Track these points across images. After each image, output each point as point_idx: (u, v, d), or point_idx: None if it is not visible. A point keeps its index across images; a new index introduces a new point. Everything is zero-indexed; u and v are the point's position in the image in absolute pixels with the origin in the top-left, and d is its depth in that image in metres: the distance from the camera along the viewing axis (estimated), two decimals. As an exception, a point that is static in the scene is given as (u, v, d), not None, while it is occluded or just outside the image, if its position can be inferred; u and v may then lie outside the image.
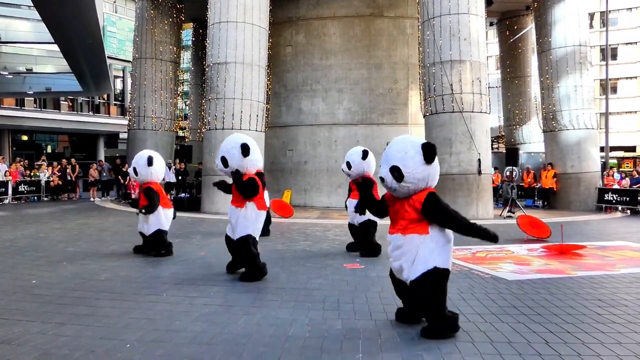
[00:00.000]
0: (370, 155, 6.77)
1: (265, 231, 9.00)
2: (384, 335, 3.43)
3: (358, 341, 3.30)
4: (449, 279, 3.47)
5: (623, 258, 6.73)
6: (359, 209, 4.51)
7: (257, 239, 5.27)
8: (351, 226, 7.12)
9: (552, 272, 5.73)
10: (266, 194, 8.70)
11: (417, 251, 3.40)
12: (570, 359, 3.02)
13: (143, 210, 6.41)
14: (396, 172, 3.42)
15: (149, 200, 6.40)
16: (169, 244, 6.71)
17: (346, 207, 7.26)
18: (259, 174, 5.44)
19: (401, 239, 3.49)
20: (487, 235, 3.39)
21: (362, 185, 6.47)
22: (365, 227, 6.74)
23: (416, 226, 3.44)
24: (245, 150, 5.03)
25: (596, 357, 3.04)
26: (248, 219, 5.12)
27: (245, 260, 5.21)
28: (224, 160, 5.10)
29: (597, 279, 5.29)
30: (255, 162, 5.25)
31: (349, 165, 6.74)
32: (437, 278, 3.38)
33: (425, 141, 3.56)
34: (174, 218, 6.78)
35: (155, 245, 6.56)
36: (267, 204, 7.85)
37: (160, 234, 6.52)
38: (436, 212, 3.40)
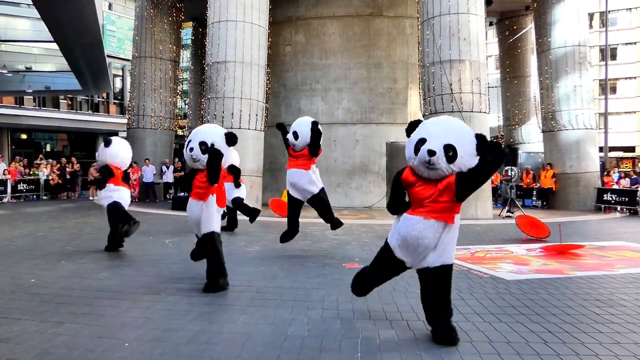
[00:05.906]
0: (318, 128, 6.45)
1: (233, 226, 9.14)
2: (383, 335, 3.43)
3: (357, 340, 3.30)
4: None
5: (622, 258, 6.73)
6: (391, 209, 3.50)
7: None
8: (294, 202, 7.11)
9: (551, 272, 5.73)
10: (243, 187, 8.82)
11: (439, 240, 3.19)
12: (568, 358, 3.02)
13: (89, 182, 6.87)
14: (451, 151, 3.04)
15: (100, 174, 6.71)
16: (134, 220, 6.70)
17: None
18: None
19: (423, 222, 3.17)
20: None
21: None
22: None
23: (445, 213, 3.15)
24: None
25: (594, 357, 3.04)
26: (211, 215, 4.63)
27: (209, 262, 4.63)
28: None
29: (595, 279, 5.29)
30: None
31: (295, 135, 6.40)
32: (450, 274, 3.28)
33: (477, 132, 3.18)
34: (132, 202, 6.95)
35: (114, 218, 6.68)
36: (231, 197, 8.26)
37: (115, 205, 6.64)
38: (468, 180, 3.08)
